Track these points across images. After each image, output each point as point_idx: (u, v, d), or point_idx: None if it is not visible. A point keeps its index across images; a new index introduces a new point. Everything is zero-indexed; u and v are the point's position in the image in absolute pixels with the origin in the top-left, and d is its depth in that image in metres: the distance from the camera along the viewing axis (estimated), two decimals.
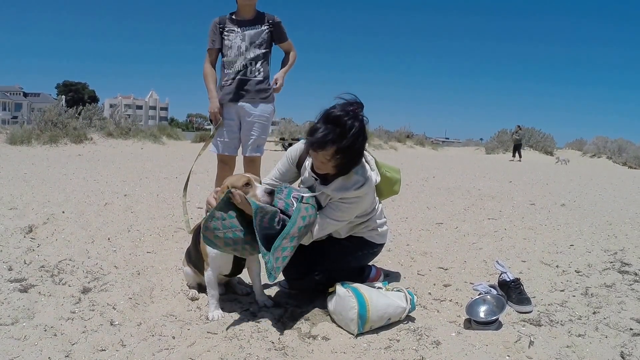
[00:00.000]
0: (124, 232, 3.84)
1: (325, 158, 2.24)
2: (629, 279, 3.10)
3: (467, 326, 2.31)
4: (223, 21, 3.52)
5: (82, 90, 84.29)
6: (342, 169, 2.31)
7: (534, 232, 4.56)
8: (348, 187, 2.34)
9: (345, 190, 2.35)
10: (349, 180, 2.35)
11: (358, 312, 2.16)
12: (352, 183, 2.34)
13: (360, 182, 2.35)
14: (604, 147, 26.73)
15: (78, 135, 14.21)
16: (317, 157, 2.27)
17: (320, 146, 2.21)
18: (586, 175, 13.04)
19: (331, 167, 2.29)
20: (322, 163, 2.28)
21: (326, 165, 2.28)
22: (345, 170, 2.32)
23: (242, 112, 3.52)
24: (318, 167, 2.35)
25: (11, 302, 2.36)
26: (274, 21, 3.53)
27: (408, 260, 3.45)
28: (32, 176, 6.84)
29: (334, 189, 2.37)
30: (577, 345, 2.14)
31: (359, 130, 2.21)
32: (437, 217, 5.22)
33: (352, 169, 2.34)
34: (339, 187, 2.36)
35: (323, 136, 2.19)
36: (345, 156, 2.23)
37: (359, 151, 2.28)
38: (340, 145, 2.19)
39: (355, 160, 2.31)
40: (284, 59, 3.69)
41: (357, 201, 2.40)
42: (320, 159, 2.27)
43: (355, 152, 2.25)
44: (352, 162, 2.30)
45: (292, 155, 2.59)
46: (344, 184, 2.35)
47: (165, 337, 2.10)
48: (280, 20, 3.56)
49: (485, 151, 28.95)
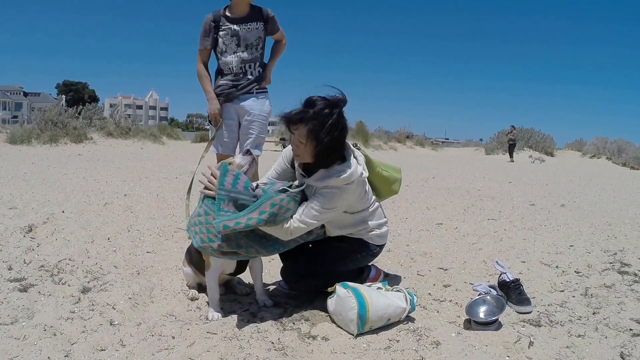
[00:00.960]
0: (123, 232, 3.84)
1: (300, 140, 2.28)
2: (629, 280, 3.10)
3: (467, 326, 2.31)
4: (217, 19, 3.45)
5: (82, 90, 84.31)
6: (320, 159, 2.32)
7: (533, 233, 4.57)
8: (330, 175, 2.34)
9: (327, 178, 2.34)
10: (332, 169, 2.36)
11: (358, 312, 2.16)
12: (334, 172, 2.34)
13: (342, 171, 2.34)
14: (603, 148, 26.75)
15: (78, 135, 14.20)
16: (294, 139, 2.32)
17: (291, 121, 2.28)
18: (586, 176, 13.05)
19: (308, 154, 2.31)
20: (297, 147, 2.32)
21: (302, 150, 2.31)
22: (323, 161, 2.34)
23: (241, 111, 3.51)
24: (295, 152, 2.38)
25: (11, 301, 2.36)
26: (269, 16, 3.50)
27: (408, 261, 3.45)
28: (32, 176, 6.84)
29: (316, 178, 2.36)
30: (577, 345, 2.14)
31: (334, 116, 2.26)
32: (437, 217, 5.22)
33: (332, 162, 2.35)
34: (321, 176, 2.36)
35: (296, 113, 2.28)
36: (317, 141, 2.25)
37: (333, 141, 2.27)
38: (310, 125, 2.24)
39: (333, 151, 2.31)
40: (274, 47, 3.67)
41: (341, 192, 2.35)
42: (295, 141, 2.31)
43: (327, 140, 2.25)
44: (329, 152, 2.30)
45: (287, 154, 2.60)
46: (326, 173, 2.36)
47: (165, 337, 2.10)
48: (274, 15, 3.53)
49: (485, 152, 28.96)
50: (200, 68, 3.54)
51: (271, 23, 3.53)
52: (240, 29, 3.42)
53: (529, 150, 27.69)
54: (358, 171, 2.38)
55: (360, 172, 2.39)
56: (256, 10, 3.49)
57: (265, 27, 3.50)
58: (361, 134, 22.60)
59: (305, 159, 2.37)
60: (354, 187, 2.41)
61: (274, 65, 3.65)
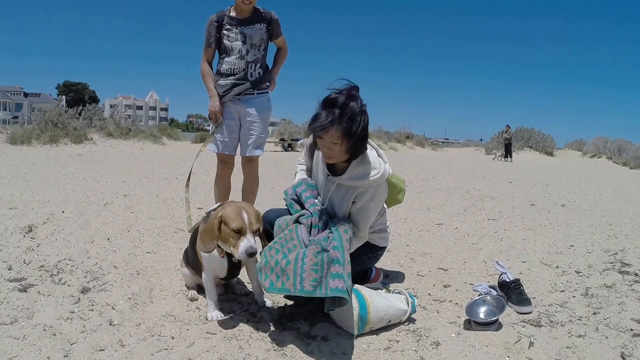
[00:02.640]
0: (123, 232, 3.84)
1: (332, 142, 2.25)
2: (629, 280, 3.10)
3: (467, 327, 2.30)
4: (221, 19, 3.46)
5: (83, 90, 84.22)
6: (353, 152, 2.31)
7: (534, 233, 4.56)
8: (364, 175, 2.34)
9: (361, 178, 2.35)
10: (361, 168, 2.36)
11: (358, 313, 2.16)
12: (365, 170, 2.35)
13: (374, 169, 2.36)
14: (604, 148, 26.77)
15: (78, 136, 14.21)
16: (325, 143, 2.28)
17: (323, 129, 2.23)
18: (586, 176, 13.04)
19: (342, 153, 2.29)
20: (330, 149, 2.28)
21: (335, 151, 2.28)
22: (356, 153, 2.33)
23: (242, 111, 3.51)
24: (327, 154, 2.34)
25: (10, 301, 2.36)
26: (272, 18, 3.50)
27: (408, 261, 3.44)
28: (32, 176, 6.84)
29: (349, 177, 2.36)
30: (577, 346, 2.13)
31: (358, 108, 2.24)
32: (437, 217, 5.21)
33: (362, 151, 2.35)
34: (354, 175, 2.36)
35: (324, 118, 2.23)
36: (351, 136, 2.23)
37: (363, 130, 2.27)
38: (342, 124, 2.21)
39: (362, 141, 2.31)
40: (276, 54, 3.69)
41: (380, 187, 2.43)
42: (327, 144, 2.27)
43: (360, 131, 2.25)
44: (360, 143, 2.30)
45: (306, 144, 2.64)
46: (358, 172, 2.35)
47: (165, 337, 2.10)
48: (277, 17, 3.53)
49: (485, 152, 28.96)
50: (204, 67, 3.55)
51: (274, 25, 3.52)
52: (244, 30, 3.42)
53: (530, 150, 27.69)
54: (388, 169, 2.44)
55: (389, 170, 2.46)
56: (259, 12, 3.49)
57: (268, 29, 3.50)
58: None
59: (340, 159, 2.35)
60: (386, 185, 2.50)
61: (278, 72, 3.66)
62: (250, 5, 3.41)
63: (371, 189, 2.39)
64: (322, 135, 2.25)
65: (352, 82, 2.30)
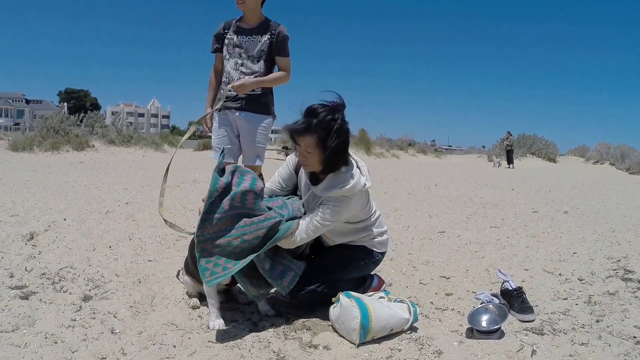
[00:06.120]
0: (125, 240, 3.84)
1: (307, 150, 2.32)
2: (633, 287, 3.08)
3: (469, 335, 2.29)
4: (227, 27, 3.41)
5: (84, 97, 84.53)
6: (327, 164, 2.36)
7: (536, 240, 4.55)
8: (335, 185, 2.37)
9: (332, 188, 2.37)
10: (337, 179, 2.39)
11: (360, 322, 2.15)
12: (340, 181, 2.37)
13: (347, 181, 2.37)
14: (606, 154, 26.72)
15: (80, 143, 14.23)
16: (301, 150, 2.36)
17: (296, 132, 2.32)
18: (589, 182, 13.02)
19: (316, 162, 2.35)
20: (305, 157, 2.35)
21: (310, 160, 2.35)
22: (331, 166, 2.37)
23: (239, 121, 3.41)
24: (303, 162, 2.42)
25: (12, 309, 2.36)
26: (279, 32, 3.29)
27: (410, 269, 3.44)
28: (33, 183, 6.85)
29: (322, 188, 2.41)
30: (580, 353, 2.12)
31: (338, 121, 2.31)
32: (439, 225, 5.20)
33: (339, 165, 2.39)
34: (326, 186, 2.40)
35: (300, 124, 2.32)
36: (325, 148, 2.29)
37: (338, 146, 2.31)
38: (317, 133, 2.28)
39: (337, 156, 2.35)
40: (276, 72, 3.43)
41: (345, 202, 2.39)
42: (302, 152, 2.35)
43: (334, 146, 2.30)
44: (334, 158, 2.34)
45: (291, 161, 2.64)
46: (331, 182, 2.39)
47: (166, 346, 2.09)
48: (286, 34, 3.29)
49: (487, 159, 28.93)
50: (211, 73, 3.56)
51: (278, 39, 3.29)
52: (243, 40, 3.33)
53: (532, 157, 27.67)
54: (362, 182, 2.41)
55: (363, 183, 2.42)
56: (268, 23, 3.33)
57: (271, 42, 3.30)
58: (363, 142, 22.63)
59: (314, 168, 2.41)
60: (358, 197, 2.45)
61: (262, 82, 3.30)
62: (244, 7, 3.28)
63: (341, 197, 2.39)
64: (297, 140, 2.34)
65: (341, 98, 2.36)
